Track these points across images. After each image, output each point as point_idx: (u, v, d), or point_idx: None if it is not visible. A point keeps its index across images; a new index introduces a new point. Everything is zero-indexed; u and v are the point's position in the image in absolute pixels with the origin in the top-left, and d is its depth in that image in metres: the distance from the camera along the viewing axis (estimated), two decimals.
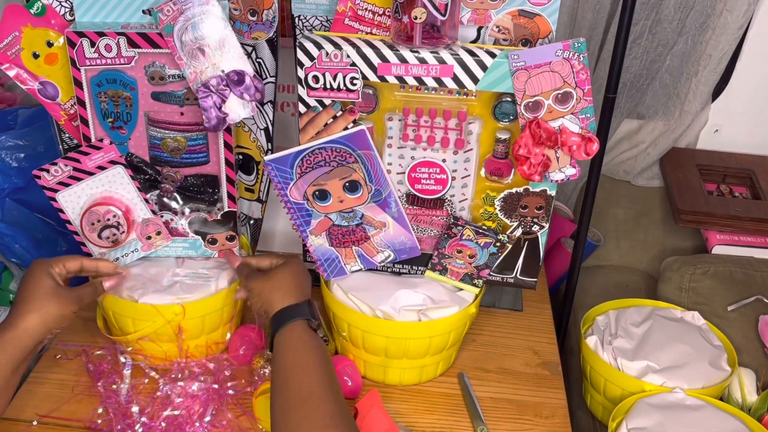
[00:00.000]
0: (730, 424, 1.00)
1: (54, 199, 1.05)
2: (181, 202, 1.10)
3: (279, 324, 0.91)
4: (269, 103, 1.09)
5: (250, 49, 1.07)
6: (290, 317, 0.91)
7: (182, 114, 1.04)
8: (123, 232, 1.06)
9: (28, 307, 0.92)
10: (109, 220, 1.05)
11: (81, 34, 0.98)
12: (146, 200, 1.08)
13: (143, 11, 0.99)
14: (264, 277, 0.97)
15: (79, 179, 1.04)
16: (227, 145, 1.06)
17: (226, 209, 1.10)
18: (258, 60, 1.07)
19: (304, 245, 1.11)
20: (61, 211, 1.06)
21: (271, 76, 1.08)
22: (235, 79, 0.98)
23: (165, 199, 1.09)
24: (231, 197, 1.10)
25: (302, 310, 0.92)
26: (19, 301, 0.93)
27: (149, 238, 1.09)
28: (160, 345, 1.07)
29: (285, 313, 0.91)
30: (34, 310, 0.92)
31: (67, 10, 1.01)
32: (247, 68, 0.99)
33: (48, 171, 1.03)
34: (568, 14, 1.42)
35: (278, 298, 0.93)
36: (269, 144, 1.11)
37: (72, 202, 1.06)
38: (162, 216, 1.10)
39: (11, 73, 1.02)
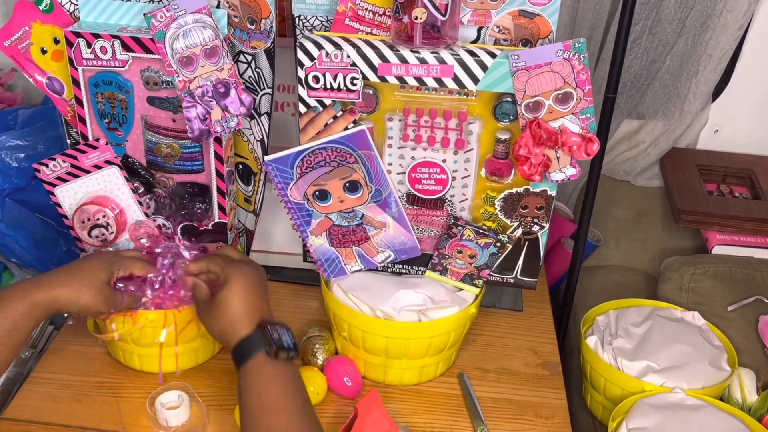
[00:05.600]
0: (730, 425, 1.00)
1: (53, 194, 1.06)
2: (173, 208, 1.09)
3: (238, 363, 0.86)
4: (266, 115, 1.09)
5: (249, 58, 1.07)
6: (246, 355, 0.86)
7: (174, 121, 1.04)
8: (112, 233, 1.06)
9: (70, 284, 0.91)
10: (98, 219, 1.05)
11: (78, 35, 0.98)
12: (140, 203, 1.08)
13: (144, 14, 0.99)
14: (212, 309, 0.91)
15: (76, 176, 1.05)
16: (218, 157, 1.06)
17: (217, 220, 1.10)
18: (257, 70, 1.07)
19: (305, 245, 1.11)
20: (59, 205, 1.07)
21: (268, 87, 1.08)
22: (222, 91, 0.98)
23: (159, 204, 1.09)
24: (221, 208, 1.09)
25: (256, 341, 0.86)
26: (66, 271, 0.92)
27: (141, 240, 1.08)
28: (140, 348, 1.06)
29: (240, 350, 0.87)
30: (72, 290, 0.91)
31: (75, 8, 1.02)
32: (236, 81, 0.99)
33: (47, 165, 1.04)
34: (569, 14, 1.42)
35: (231, 331, 0.88)
36: (264, 157, 1.11)
37: (69, 197, 1.06)
38: (155, 220, 1.10)
39: (23, 68, 1.04)
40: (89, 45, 0.99)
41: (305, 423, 0.83)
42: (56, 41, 1.03)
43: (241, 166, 1.14)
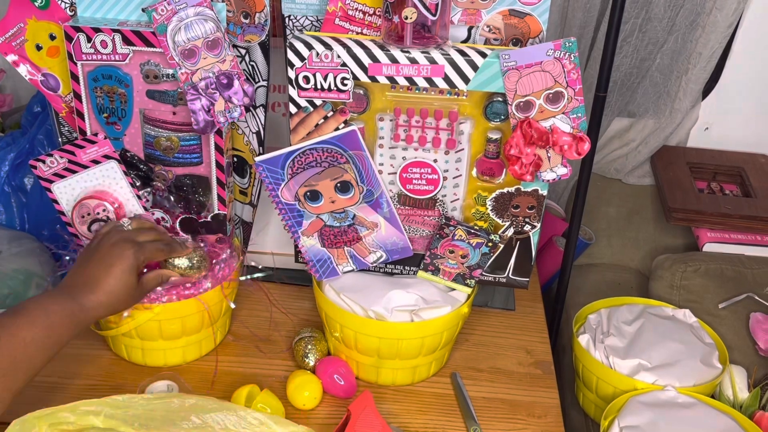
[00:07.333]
0: (721, 422, 1.01)
1: (49, 190, 1.06)
2: (172, 201, 1.10)
3: None
4: (261, 107, 1.09)
5: (243, 51, 1.07)
6: None
7: (174, 114, 1.04)
8: None
9: (106, 301, 0.92)
10: (99, 214, 1.05)
11: (78, 29, 0.99)
12: (139, 197, 1.08)
13: (142, 9, 0.99)
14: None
15: (74, 171, 1.05)
16: (218, 148, 1.06)
17: (216, 212, 1.10)
18: (251, 63, 1.07)
19: (296, 246, 1.10)
20: (56, 202, 1.07)
21: (263, 80, 1.08)
22: (224, 82, 0.98)
23: (157, 197, 1.10)
24: (221, 200, 1.10)
25: None
26: (98, 284, 0.91)
27: None
28: (144, 342, 1.07)
29: None
30: (109, 307, 0.93)
31: (67, 5, 1.02)
32: (238, 71, 0.99)
33: (44, 162, 1.03)
34: (559, 13, 1.43)
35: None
36: (261, 148, 1.11)
37: (66, 193, 1.06)
38: (153, 213, 1.10)
39: (15, 64, 1.04)
40: (89, 39, 0.99)
41: None
42: (52, 37, 1.03)
43: (236, 159, 1.15)
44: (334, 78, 0.98)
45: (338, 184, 1.03)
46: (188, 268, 1.03)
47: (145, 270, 1.00)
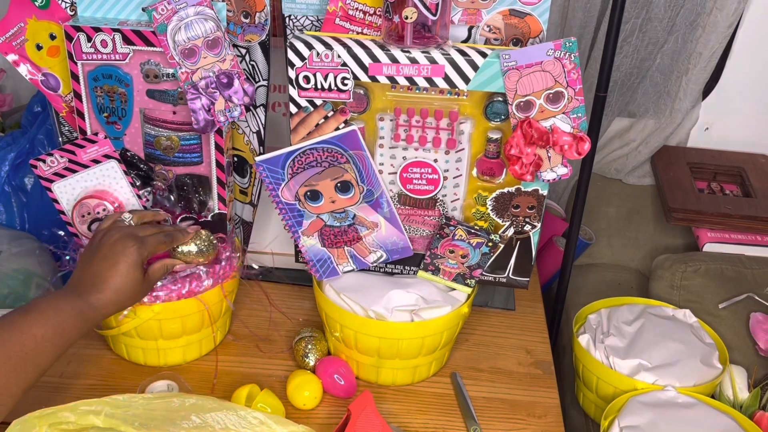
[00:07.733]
0: (721, 422, 1.01)
1: (50, 189, 1.06)
2: (173, 201, 1.10)
3: None
4: (261, 107, 1.09)
5: (243, 51, 1.07)
6: None
7: (174, 113, 1.04)
8: None
9: (113, 296, 0.93)
10: (99, 213, 1.06)
11: (78, 29, 0.99)
12: (139, 196, 1.08)
13: (142, 9, 0.99)
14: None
15: (74, 171, 1.05)
16: (218, 147, 1.06)
17: (217, 211, 1.10)
18: (251, 63, 1.07)
19: (296, 246, 1.10)
20: (56, 201, 1.07)
21: (263, 79, 1.08)
22: (225, 82, 0.98)
23: (157, 197, 1.10)
24: (221, 199, 1.10)
25: None
26: (107, 284, 0.92)
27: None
28: (145, 342, 1.07)
29: None
30: (117, 304, 0.94)
31: (68, 5, 1.02)
32: (238, 71, 0.99)
33: (44, 161, 1.03)
34: (559, 13, 1.43)
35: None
36: (261, 147, 1.11)
37: (67, 193, 1.06)
38: None
39: (15, 63, 1.04)
40: (89, 39, 0.99)
41: None
42: (52, 37, 1.03)
43: (236, 159, 1.15)
44: (335, 78, 0.98)
45: (338, 184, 1.03)
46: (197, 253, 1.03)
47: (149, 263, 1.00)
